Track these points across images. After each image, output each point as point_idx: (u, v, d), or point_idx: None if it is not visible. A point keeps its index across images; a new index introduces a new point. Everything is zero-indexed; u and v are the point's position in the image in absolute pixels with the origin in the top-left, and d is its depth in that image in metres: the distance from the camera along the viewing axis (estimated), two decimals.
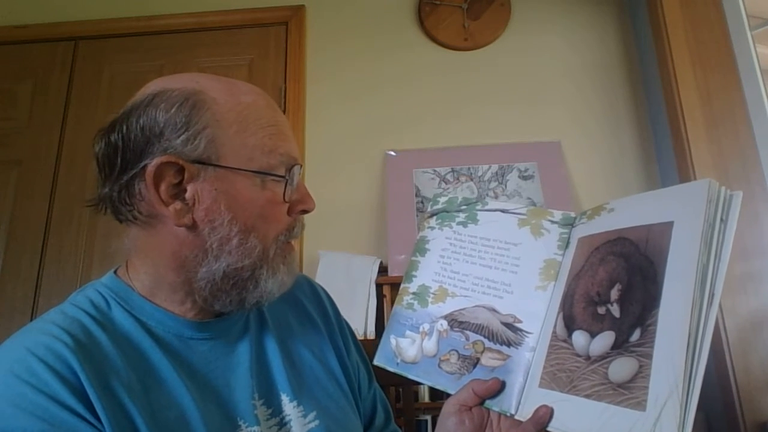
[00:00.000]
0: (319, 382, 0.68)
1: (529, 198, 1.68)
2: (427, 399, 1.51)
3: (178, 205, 0.55)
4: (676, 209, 0.50)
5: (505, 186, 1.70)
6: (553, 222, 0.63)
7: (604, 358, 0.49)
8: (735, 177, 1.41)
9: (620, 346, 0.49)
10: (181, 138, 0.54)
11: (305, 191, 0.63)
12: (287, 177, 0.59)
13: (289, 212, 0.61)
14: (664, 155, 1.64)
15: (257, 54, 1.92)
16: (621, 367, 0.48)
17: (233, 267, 0.57)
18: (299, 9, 1.94)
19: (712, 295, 0.46)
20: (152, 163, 0.54)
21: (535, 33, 1.88)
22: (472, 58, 1.87)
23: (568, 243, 0.61)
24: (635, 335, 0.48)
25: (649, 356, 0.46)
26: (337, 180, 1.79)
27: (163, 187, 0.55)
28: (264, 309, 0.70)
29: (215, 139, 0.55)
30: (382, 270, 1.64)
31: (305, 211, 0.64)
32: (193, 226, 0.56)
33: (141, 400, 0.52)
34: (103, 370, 0.51)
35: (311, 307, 0.76)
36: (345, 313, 0.81)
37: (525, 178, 1.71)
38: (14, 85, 1.94)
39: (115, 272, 0.62)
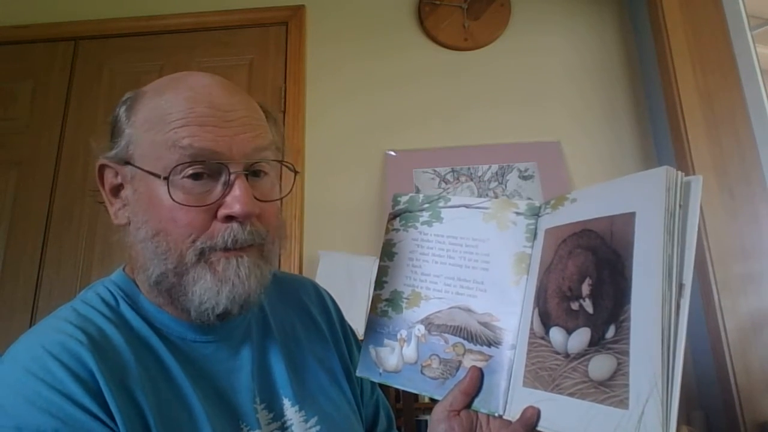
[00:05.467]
0: (321, 387, 0.67)
1: (529, 198, 1.67)
2: (427, 399, 1.51)
3: (118, 204, 0.58)
4: (637, 198, 0.49)
5: (505, 186, 1.70)
6: (518, 213, 0.61)
7: (583, 355, 0.49)
8: (735, 177, 1.41)
9: (597, 343, 0.48)
10: (114, 140, 0.57)
11: (236, 192, 0.53)
12: (167, 175, 0.52)
13: (217, 216, 0.54)
14: (664, 155, 1.64)
15: (257, 54, 1.92)
16: (600, 365, 0.47)
17: (159, 272, 0.54)
18: (299, 9, 1.94)
19: (681, 285, 0.45)
20: (97, 165, 0.58)
21: (535, 33, 1.87)
22: (472, 58, 1.87)
23: (535, 234, 0.60)
24: (610, 332, 0.47)
25: (626, 353, 0.45)
26: (337, 180, 1.79)
27: (107, 188, 0.59)
28: (268, 313, 0.69)
29: (132, 140, 0.56)
30: None
31: (231, 217, 0.53)
32: (126, 225, 0.58)
33: (151, 396, 0.52)
34: (118, 367, 0.51)
35: (316, 312, 0.75)
36: (345, 313, 0.81)
37: (525, 178, 1.71)
38: (14, 85, 1.94)
39: (123, 269, 0.63)
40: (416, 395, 1.50)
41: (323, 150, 1.82)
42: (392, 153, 1.79)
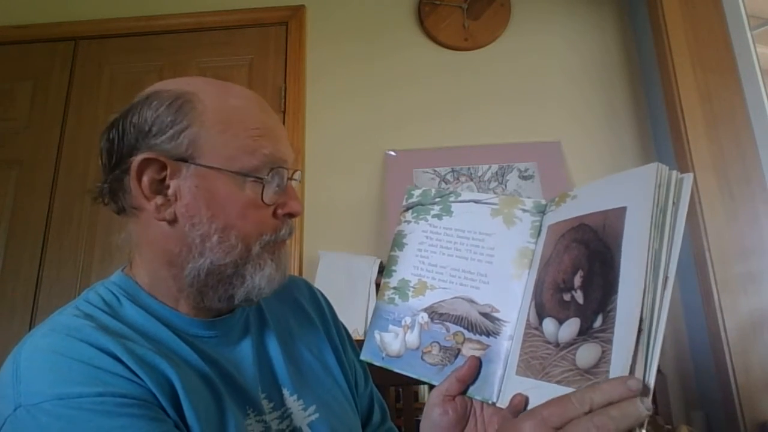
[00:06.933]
0: (317, 377, 0.70)
1: (529, 198, 1.68)
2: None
3: (159, 200, 0.58)
4: (629, 194, 0.51)
5: (505, 186, 1.70)
6: (524, 210, 0.64)
7: (572, 344, 0.50)
8: (735, 177, 1.41)
9: (585, 333, 0.49)
10: (165, 136, 0.57)
11: (292, 194, 0.63)
12: (266, 179, 0.58)
13: (275, 215, 0.61)
14: (664, 155, 1.64)
15: (257, 54, 1.93)
16: (587, 354, 0.48)
17: (217, 264, 0.58)
18: (299, 9, 1.94)
19: (666, 279, 0.46)
20: (136, 159, 0.57)
21: (535, 33, 1.88)
22: (472, 58, 1.87)
23: (540, 231, 0.62)
24: (598, 321, 0.48)
25: (610, 342, 0.46)
26: (337, 180, 1.79)
27: (145, 182, 0.57)
28: (264, 309, 0.72)
29: (198, 138, 0.57)
30: (382, 270, 1.64)
31: (291, 215, 0.62)
32: (173, 222, 0.58)
33: (174, 368, 0.54)
34: (128, 343, 0.54)
35: (309, 307, 0.78)
36: (345, 313, 0.83)
37: (525, 178, 1.71)
38: (14, 85, 1.94)
39: (122, 271, 0.64)
40: (416, 395, 1.50)
41: (323, 150, 1.82)
42: (392, 153, 1.79)
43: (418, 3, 1.92)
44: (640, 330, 0.45)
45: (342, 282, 1.60)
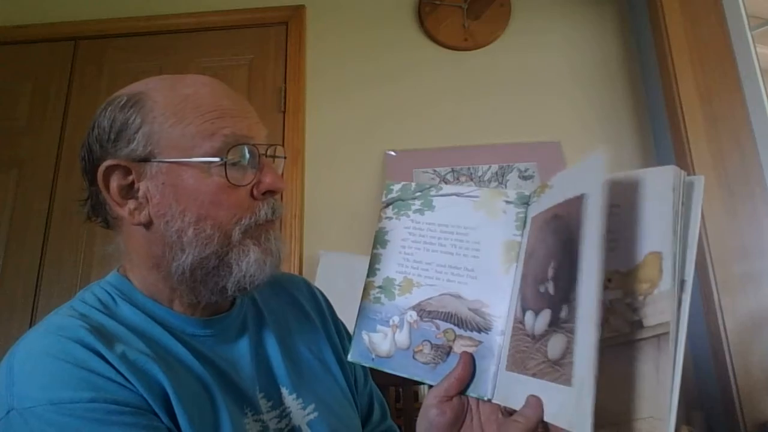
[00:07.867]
0: (316, 376, 0.70)
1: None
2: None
3: (132, 204, 0.57)
4: (586, 181, 0.49)
5: (505, 186, 1.70)
6: (508, 202, 0.62)
7: (544, 336, 0.49)
8: (735, 177, 1.41)
9: (554, 323, 0.48)
10: (122, 140, 0.57)
11: (268, 170, 0.60)
12: (226, 158, 0.56)
13: (253, 196, 0.59)
14: (664, 155, 1.64)
15: (257, 54, 1.92)
16: (556, 344, 0.48)
17: (199, 258, 0.57)
18: (299, 9, 1.94)
19: (682, 282, 0.45)
20: (100, 168, 0.57)
21: (535, 33, 1.87)
22: (472, 58, 1.87)
23: (525, 222, 0.60)
24: (564, 311, 0.47)
25: (573, 331, 0.45)
26: (337, 180, 1.79)
27: (114, 189, 0.57)
28: (262, 307, 0.71)
29: (152, 135, 0.56)
30: None
31: (271, 192, 0.60)
32: (150, 224, 0.58)
33: (167, 372, 0.53)
34: (119, 347, 0.53)
35: (308, 306, 0.78)
36: (345, 313, 0.82)
37: (525, 178, 1.71)
38: (14, 85, 1.94)
39: (117, 270, 0.64)
40: (416, 395, 1.50)
41: (323, 150, 1.82)
42: (392, 153, 1.79)
43: (418, 3, 1.92)
44: (664, 333, 0.43)
45: (342, 282, 1.60)
